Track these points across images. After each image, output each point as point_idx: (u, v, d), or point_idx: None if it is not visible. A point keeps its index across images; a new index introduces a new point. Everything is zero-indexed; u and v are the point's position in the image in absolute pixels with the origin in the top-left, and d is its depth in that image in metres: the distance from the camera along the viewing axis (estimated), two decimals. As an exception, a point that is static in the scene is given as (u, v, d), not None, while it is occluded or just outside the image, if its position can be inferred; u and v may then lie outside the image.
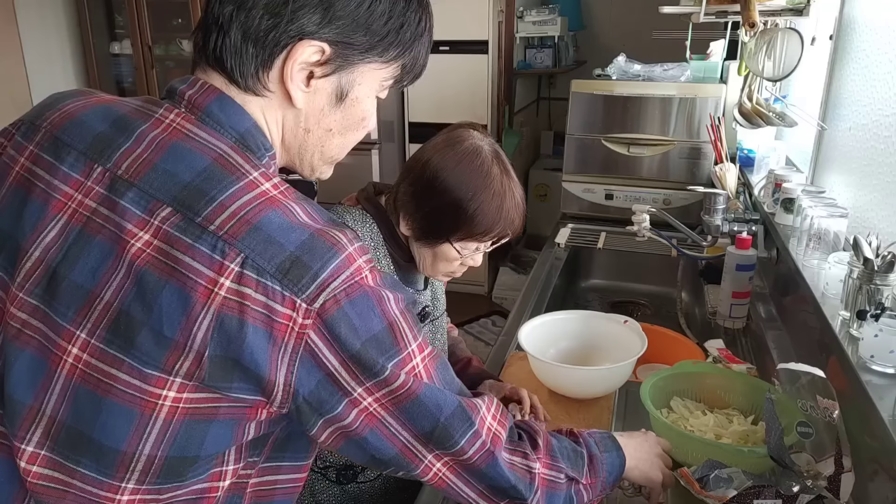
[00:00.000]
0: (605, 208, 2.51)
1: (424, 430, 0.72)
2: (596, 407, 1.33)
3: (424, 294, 1.28)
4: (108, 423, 0.65)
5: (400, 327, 0.69)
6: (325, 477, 1.27)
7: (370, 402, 0.69)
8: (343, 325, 0.65)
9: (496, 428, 0.79)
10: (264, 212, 0.65)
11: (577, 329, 1.50)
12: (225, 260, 0.63)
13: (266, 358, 0.63)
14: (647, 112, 2.38)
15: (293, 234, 0.65)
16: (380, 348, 0.67)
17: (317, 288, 0.64)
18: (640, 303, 2.16)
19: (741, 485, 0.99)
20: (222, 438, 0.67)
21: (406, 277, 1.23)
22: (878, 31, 1.45)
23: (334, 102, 0.73)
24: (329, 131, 0.75)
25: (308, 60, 0.69)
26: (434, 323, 1.32)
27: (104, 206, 0.66)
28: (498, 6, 3.74)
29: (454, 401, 0.74)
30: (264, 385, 0.64)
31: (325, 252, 0.65)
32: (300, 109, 0.72)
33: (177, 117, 0.70)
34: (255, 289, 0.63)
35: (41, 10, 3.89)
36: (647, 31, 3.93)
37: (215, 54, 0.70)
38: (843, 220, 1.40)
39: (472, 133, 1.14)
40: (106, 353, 0.64)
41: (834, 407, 1.00)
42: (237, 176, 0.67)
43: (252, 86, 0.70)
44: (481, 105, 3.87)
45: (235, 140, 0.70)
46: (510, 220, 1.12)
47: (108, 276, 0.64)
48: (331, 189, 3.31)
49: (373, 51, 0.72)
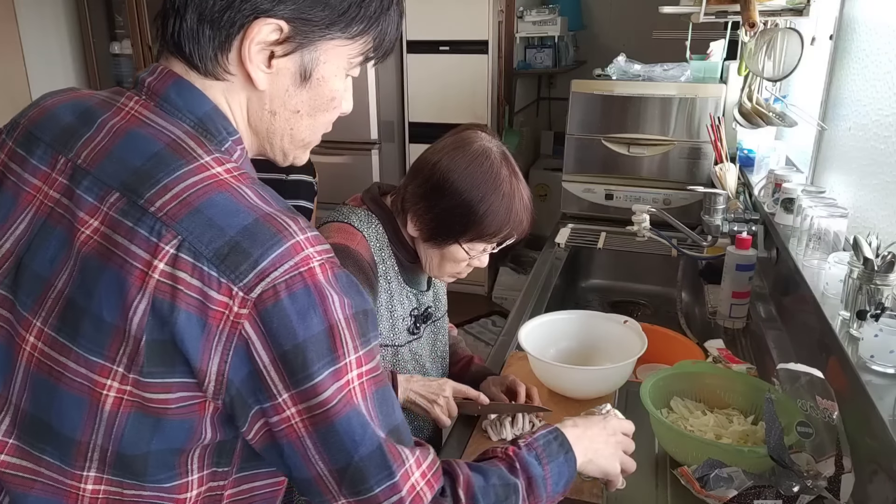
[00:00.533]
0: (605, 208, 2.51)
1: (338, 466, 0.67)
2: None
3: (427, 295, 1.28)
4: (62, 411, 0.65)
5: (341, 333, 0.64)
6: None
7: (292, 414, 0.64)
8: (279, 319, 0.62)
9: (422, 487, 0.71)
10: (209, 194, 0.63)
11: (577, 329, 1.50)
12: (160, 242, 0.61)
13: (198, 346, 0.61)
14: (647, 112, 2.38)
15: (236, 217, 0.62)
16: (315, 352, 0.63)
17: (256, 276, 0.61)
18: (640, 303, 2.16)
19: (741, 485, 0.99)
20: (173, 436, 0.65)
21: (410, 278, 1.23)
22: (878, 31, 1.45)
23: (299, 82, 0.70)
24: (297, 113, 0.72)
25: (266, 40, 0.67)
26: (436, 324, 1.32)
27: (65, 197, 0.67)
28: (498, 6, 3.74)
29: (375, 441, 0.67)
30: (196, 373, 0.62)
31: (269, 238, 0.62)
32: (264, 91, 0.70)
33: (136, 105, 0.69)
34: (191, 273, 0.61)
35: (41, 10, 3.88)
36: (647, 31, 3.93)
37: (174, 39, 0.68)
38: (843, 220, 1.40)
39: (480, 135, 1.16)
40: (56, 341, 0.64)
41: (833, 408, 1.00)
42: (187, 160, 0.65)
43: (212, 70, 0.68)
44: (481, 105, 3.86)
45: (194, 124, 0.68)
46: (518, 220, 1.15)
47: (62, 264, 0.65)
48: (331, 189, 3.30)
49: (334, 26, 0.69)
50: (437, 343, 1.34)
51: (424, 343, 1.29)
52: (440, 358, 1.35)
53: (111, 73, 4.22)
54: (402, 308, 1.23)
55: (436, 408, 1.19)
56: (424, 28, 3.79)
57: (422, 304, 1.27)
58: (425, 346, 1.30)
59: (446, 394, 1.20)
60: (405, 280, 1.23)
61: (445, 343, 1.37)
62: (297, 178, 2.79)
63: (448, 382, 1.23)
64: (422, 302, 1.27)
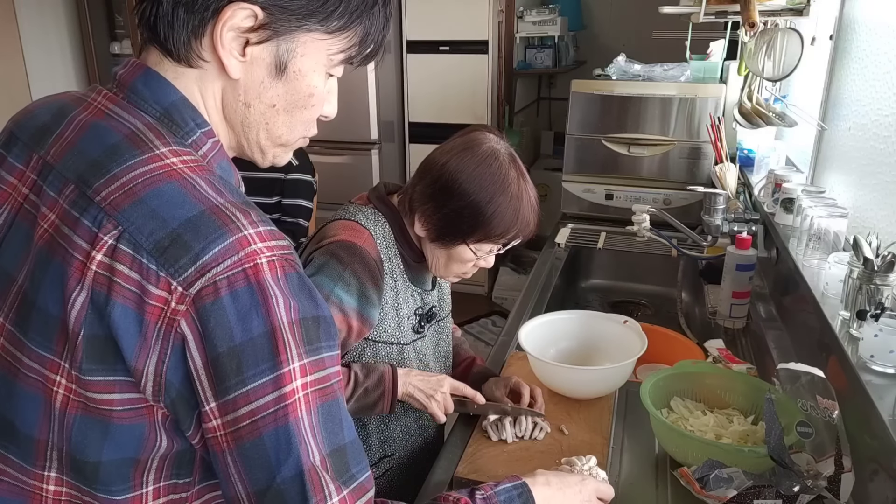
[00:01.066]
0: (605, 208, 2.51)
1: (257, 488, 0.62)
2: (596, 407, 1.33)
3: (432, 294, 1.28)
4: (21, 408, 0.64)
5: (284, 337, 0.60)
6: None
7: (217, 425, 0.61)
8: (216, 318, 0.58)
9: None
10: (157, 184, 0.61)
11: (577, 329, 1.50)
12: (100, 232, 0.59)
13: (134, 342, 0.58)
14: (647, 112, 2.38)
15: (181, 209, 0.59)
16: (253, 356, 0.59)
17: (196, 271, 0.58)
18: (640, 303, 2.16)
19: (741, 485, 0.99)
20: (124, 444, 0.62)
21: (415, 277, 1.24)
22: (878, 31, 1.45)
23: (274, 74, 0.68)
24: (273, 107, 0.69)
25: (240, 25, 0.64)
26: (440, 324, 1.33)
27: (34, 193, 0.67)
28: (498, 6, 3.74)
29: (299, 467, 0.61)
30: (133, 372, 0.59)
31: (212, 231, 0.59)
32: (238, 81, 0.67)
33: (103, 98, 0.68)
34: (129, 266, 0.58)
35: (41, 10, 3.88)
36: (647, 31, 3.93)
37: (149, 24, 0.66)
38: (843, 220, 1.40)
39: (489, 136, 1.16)
40: (14, 337, 0.64)
41: (834, 407, 1.00)
42: (142, 150, 0.63)
43: (185, 55, 0.66)
44: (481, 105, 3.86)
45: (159, 115, 0.67)
46: (526, 222, 1.15)
47: (24, 260, 0.65)
48: (331, 189, 3.31)
49: (312, 17, 0.66)
50: (441, 343, 1.34)
51: (428, 342, 1.29)
52: (443, 358, 1.36)
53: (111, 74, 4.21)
54: (407, 307, 1.23)
55: (433, 403, 1.20)
56: (424, 28, 3.79)
57: (426, 303, 1.27)
58: (429, 345, 1.30)
59: (444, 389, 1.21)
60: (410, 279, 1.23)
61: (449, 343, 1.38)
62: (297, 177, 2.79)
63: (446, 379, 1.23)
64: (426, 301, 1.27)
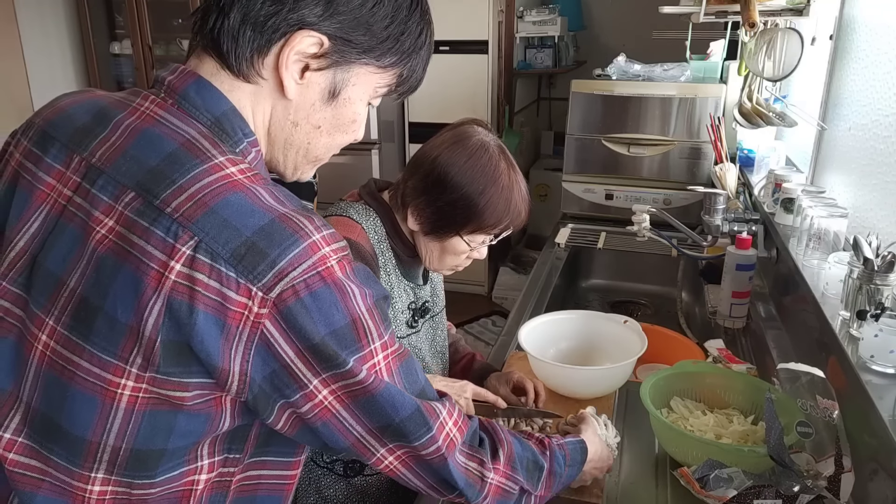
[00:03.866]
0: (605, 208, 2.51)
1: (378, 426, 0.71)
2: (596, 407, 1.33)
3: (425, 289, 1.29)
4: (73, 410, 0.65)
5: (364, 324, 0.67)
6: (332, 471, 1.27)
7: (325, 395, 0.67)
8: (302, 317, 0.63)
9: (454, 433, 0.78)
10: (224, 194, 0.63)
11: (577, 329, 1.50)
12: (177, 243, 0.61)
13: (218, 346, 0.61)
14: (647, 112, 2.38)
15: (252, 218, 0.62)
16: (340, 343, 0.65)
17: (274, 276, 0.61)
18: (640, 303, 2.16)
19: (741, 485, 0.99)
20: (191, 431, 0.66)
21: (407, 272, 1.24)
22: (878, 31, 1.45)
23: (326, 99, 0.72)
24: (318, 128, 0.74)
25: (305, 51, 0.68)
26: (434, 319, 1.33)
27: (79, 195, 0.67)
28: (498, 6, 3.74)
29: (413, 404, 0.72)
30: (217, 374, 0.63)
31: (285, 239, 0.62)
32: (290, 101, 0.71)
33: (151, 104, 0.69)
34: (209, 274, 0.61)
35: (41, 10, 3.88)
36: (647, 31, 3.93)
37: (212, 35, 0.69)
38: (843, 220, 1.40)
39: (477, 129, 1.18)
40: (69, 340, 0.64)
41: (834, 407, 1.00)
42: (202, 159, 0.65)
43: (245, 70, 0.69)
44: (481, 105, 3.86)
45: (210, 123, 0.69)
46: (517, 212, 1.17)
47: (75, 262, 0.65)
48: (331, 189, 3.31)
49: (371, 52, 0.71)
50: (437, 338, 1.34)
51: (423, 337, 1.30)
52: (439, 353, 1.36)
53: (111, 73, 4.22)
54: (400, 301, 1.23)
55: None
56: (424, 28, 3.79)
57: (419, 297, 1.27)
58: (424, 340, 1.30)
59: (467, 395, 1.22)
60: (403, 274, 1.24)
61: (444, 339, 1.38)
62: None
63: (468, 385, 1.24)
64: (419, 296, 1.27)
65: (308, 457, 1.27)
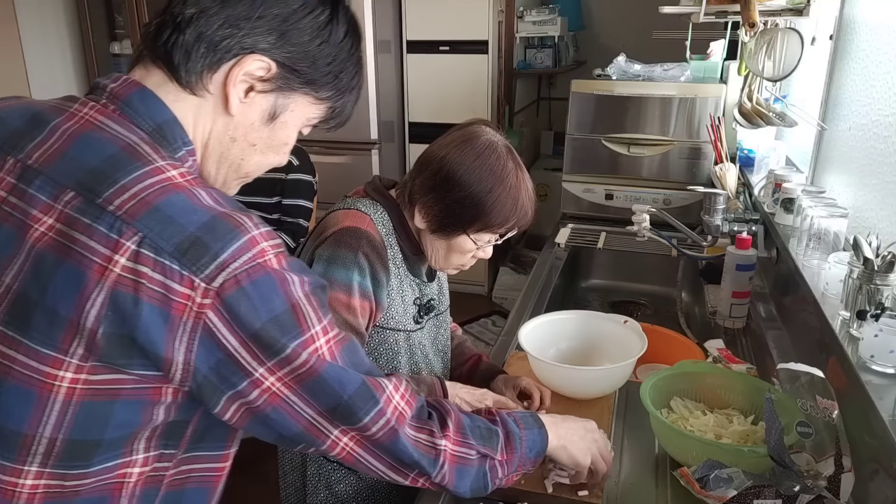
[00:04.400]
0: (605, 208, 2.51)
1: (328, 407, 0.74)
2: (596, 407, 1.33)
3: (431, 287, 1.29)
4: (8, 405, 0.66)
5: (304, 309, 0.70)
6: (343, 466, 1.27)
7: (273, 382, 0.70)
8: (243, 305, 0.66)
9: (402, 406, 0.82)
10: (166, 194, 0.66)
11: (577, 329, 1.50)
12: (121, 238, 0.64)
13: (162, 337, 0.64)
14: (647, 112, 2.38)
15: (194, 215, 0.66)
16: (281, 329, 0.68)
17: (216, 268, 0.65)
18: (640, 303, 2.16)
19: (741, 485, 0.99)
20: (128, 421, 0.67)
21: (413, 269, 1.25)
22: (878, 31, 1.45)
23: (265, 119, 0.77)
24: (253, 146, 0.78)
25: (253, 73, 0.73)
26: (438, 318, 1.33)
27: (13, 195, 0.68)
28: (498, 6, 3.74)
29: (358, 379, 0.76)
30: (161, 363, 0.65)
31: (227, 233, 0.66)
32: (232, 117, 0.75)
33: (90, 110, 0.71)
34: (153, 268, 0.63)
35: (41, 10, 3.88)
36: (647, 31, 3.93)
37: (165, 48, 0.72)
38: (843, 220, 1.40)
39: (485, 129, 1.19)
40: (5, 336, 0.65)
41: (833, 407, 1.00)
42: (143, 162, 0.68)
43: (193, 83, 0.73)
44: (481, 105, 3.86)
45: (151, 129, 0.71)
46: (524, 212, 1.18)
47: (10, 260, 0.66)
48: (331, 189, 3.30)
49: (312, 84, 0.77)
50: (439, 337, 1.35)
51: (426, 335, 1.30)
52: (441, 352, 1.36)
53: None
54: (407, 296, 1.24)
55: None
56: (424, 28, 3.79)
57: (424, 294, 1.28)
58: (427, 338, 1.30)
59: (488, 403, 1.23)
60: (408, 270, 1.24)
61: (447, 338, 1.38)
62: (297, 177, 2.79)
63: (488, 394, 1.25)
64: (424, 293, 1.28)
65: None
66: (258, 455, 1.71)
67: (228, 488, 0.83)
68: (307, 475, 1.28)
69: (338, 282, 1.12)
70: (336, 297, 1.11)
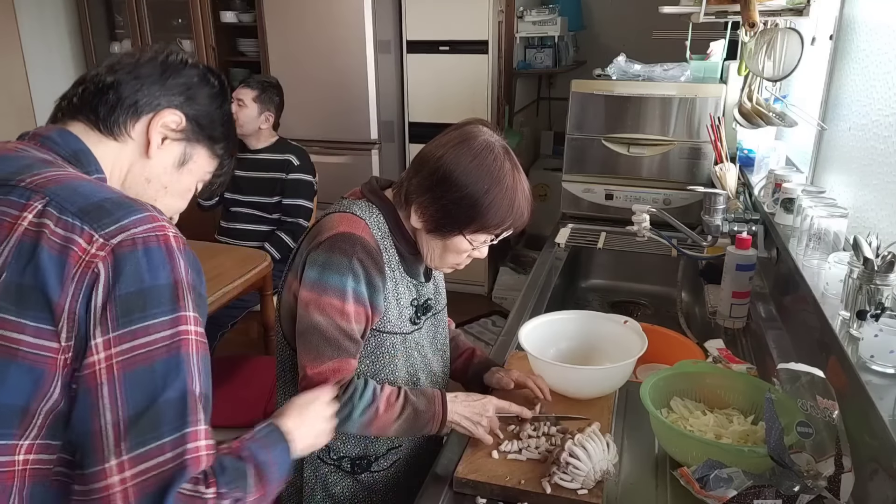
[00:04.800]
0: (605, 208, 2.51)
1: (134, 413, 0.70)
2: (596, 407, 1.33)
3: (427, 287, 1.29)
4: None
5: (184, 290, 0.74)
6: (339, 468, 1.27)
7: (101, 358, 0.70)
8: (132, 264, 0.71)
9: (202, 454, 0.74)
10: (75, 180, 0.76)
11: (577, 329, 1.50)
12: (29, 201, 0.72)
13: (56, 283, 0.69)
14: (647, 112, 2.38)
15: (101, 193, 0.75)
16: (157, 299, 0.71)
17: (118, 228, 0.71)
18: (640, 303, 2.16)
19: (741, 485, 0.99)
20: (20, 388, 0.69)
21: (409, 269, 1.25)
22: (878, 31, 1.45)
23: (177, 165, 0.90)
24: (165, 188, 0.90)
25: (168, 124, 0.87)
26: (436, 317, 1.33)
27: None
28: (498, 6, 3.74)
29: (185, 388, 0.72)
30: (53, 308, 0.69)
31: (130, 206, 0.74)
32: (149, 160, 0.87)
33: (12, 143, 0.83)
34: (55, 223, 0.71)
35: (41, 10, 3.88)
36: (647, 31, 3.93)
37: (91, 105, 0.85)
38: (843, 220, 1.40)
39: (483, 129, 1.18)
40: None
41: (833, 407, 1.00)
42: (55, 168, 0.78)
43: (115, 130, 0.85)
44: (481, 105, 3.86)
45: (68, 155, 0.82)
46: (520, 213, 1.17)
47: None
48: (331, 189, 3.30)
49: (211, 139, 0.92)
50: (438, 336, 1.35)
51: (425, 334, 1.30)
52: (440, 351, 1.36)
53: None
54: (404, 298, 1.24)
55: (479, 429, 1.21)
56: (424, 28, 3.79)
57: (422, 294, 1.28)
58: (426, 337, 1.30)
59: (489, 414, 1.22)
60: (405, 270, 1.24)
61: (446, 336, 1.38)
62: (297, 177, 2.79)
63: (491, 401, 1.24)
64: (422, 293, 1.28)
65: (314, 455, 1.27)
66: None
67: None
68: (304, 476, 1.28)
69: (332, 287, 1.12)
70: (330, 302, 1.12)
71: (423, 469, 1.23)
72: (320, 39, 3.64)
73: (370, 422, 1.16)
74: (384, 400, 1.16)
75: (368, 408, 1.15)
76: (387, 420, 1.16)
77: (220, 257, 2.43)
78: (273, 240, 2.79)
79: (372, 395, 1.16)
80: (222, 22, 3.92)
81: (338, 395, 1.13)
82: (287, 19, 3.66)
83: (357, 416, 1.14)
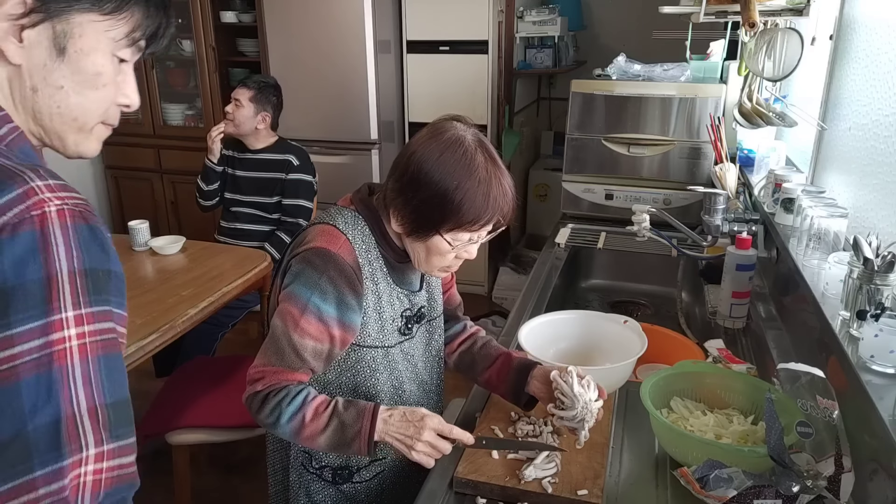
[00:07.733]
0: (605, 208, 2.51)
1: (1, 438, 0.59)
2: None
3: (420, 295, 1.27)
4: None
5: (59, 286, 0.61)
6: (321, 478, 1.27)
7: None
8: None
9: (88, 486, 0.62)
10: None
11: (577, 329, 1.50)
12: None
13: None
14: (647, 112, 2.38)
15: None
16: (22, 300, 0.59)
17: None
18: (640, 303, 2.16)
19: (741, 485, 0.99)
20: None
21: (400, 279, 1.22)
22: (878, 31, 1.45)
23: (55, 56, 0.70)
24: (61, 89, 0.71)
25: (12, 13, 0.67)
26: (430, 324, 1.31)
27: None
28: (498, 6, 3.74)
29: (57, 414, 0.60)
30: None
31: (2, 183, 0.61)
32: (21, 66, 0.69)
33: None
34: None
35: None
36: (647, 31, 3.93)
37: None
38: (843, 220, 1.40)
39: (454, 124, 1.14)
40: None
41: (833, 407, 1.00)
42: None
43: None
44: (481, 105, 3.86)
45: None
46: (498, 207, 1.11)
47: None
48: (331, 189, 3.30)
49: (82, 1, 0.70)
50: (432, 343, 1.33)
51: (417, 343, 1.28)
52: (433, 357, 1.34)
53: None
54: (391, 309, 1.21)
55: (413, 453, 1.11)
56: (424, 28, 3.79)
57: (414, 304, 1.26)
58: (418, 345, 1.29)
59: (424, 437, 1.11)
60: (395, 281, 1.21)
61: (441, 343, 1.36)
62: (297, 177, 2.80)
63: (428, 422, 1.12)
64: (414, 302, 1.25)
65: (298, 461, 1.27)
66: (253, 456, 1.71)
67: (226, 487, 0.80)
68: (290, 481, 1.28)
69: (295, 298, 1.11)
70: (290, 311, 1.11)
71: (410, 485, 1.20)
72: (320, 39, 3.64)
73: (298, 430, 1.11)
74: (312, 409, 1.11)
75: (295, 415, 1.10)
76: (313, 430, 1.11)
77: (220, 257, 2.44)
78: (273, 240, 2.79)
79: (301, 403, 1.11)
80: (222, 22, 3.92)
81: (267, 397, 1.11)
82: (287, 19, 3.66)
83: (284, 421, 1.10)
